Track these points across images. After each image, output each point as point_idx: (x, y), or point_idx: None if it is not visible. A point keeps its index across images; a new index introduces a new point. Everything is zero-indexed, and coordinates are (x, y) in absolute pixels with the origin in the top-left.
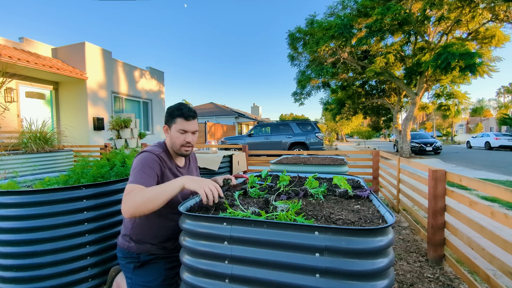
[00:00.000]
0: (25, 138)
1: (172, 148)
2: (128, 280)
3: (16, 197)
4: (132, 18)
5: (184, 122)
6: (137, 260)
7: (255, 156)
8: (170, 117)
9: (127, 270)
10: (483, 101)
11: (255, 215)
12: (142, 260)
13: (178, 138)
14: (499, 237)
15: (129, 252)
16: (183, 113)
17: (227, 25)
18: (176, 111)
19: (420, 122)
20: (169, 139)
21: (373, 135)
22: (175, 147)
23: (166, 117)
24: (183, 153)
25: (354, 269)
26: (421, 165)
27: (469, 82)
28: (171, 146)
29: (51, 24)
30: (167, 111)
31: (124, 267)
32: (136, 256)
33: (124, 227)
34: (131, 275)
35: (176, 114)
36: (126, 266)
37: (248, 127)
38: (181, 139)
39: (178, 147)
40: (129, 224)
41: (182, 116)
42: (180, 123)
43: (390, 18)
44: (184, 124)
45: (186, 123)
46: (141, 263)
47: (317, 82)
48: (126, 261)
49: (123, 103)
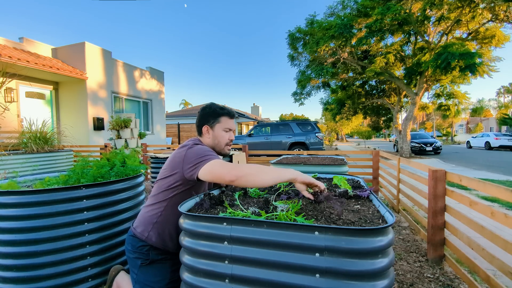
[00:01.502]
0: (25, 138)
1: (214, 148)
2: (133, 275)
3: (16, 197)
4: (132, 18)
5: (229, 121)
6: (146, 257)
7: (255, 156)
8: (213, 117)
9: (134, 265)
10: (483, 101)
11: (255, 215)
12: (152, 258)
13: (223, 137)
14: (499, 237)
15: (139, 247)
16: (229, 112)
17: (227, 25)
18: (220, 110)
19: (420, 122)
20: (210, 139)
21: (373, 135)
22: (219, 146)
23: (205, 117)
24: (226, 152)
25: (354, 269)
26: (421, 165)
27: (469, 82)
28: (212, 146)
29: (51, 24)
30: (207, 111)
31: (131, 261)
32: (146, 253)
33: (146, 218)
34: (137, 271)
35: (221, 113)
36: (134, 261)
37: (248, 127)
38: (226, 138)
39: (222, 146)
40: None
41: (228, 115)
42: (225, 121)
43: (390, 18)
44: (229, 122)
45: (231, 121)
46: (149, 261)
47: (317, 82)
48: (135, 255)
49: (123, 103)
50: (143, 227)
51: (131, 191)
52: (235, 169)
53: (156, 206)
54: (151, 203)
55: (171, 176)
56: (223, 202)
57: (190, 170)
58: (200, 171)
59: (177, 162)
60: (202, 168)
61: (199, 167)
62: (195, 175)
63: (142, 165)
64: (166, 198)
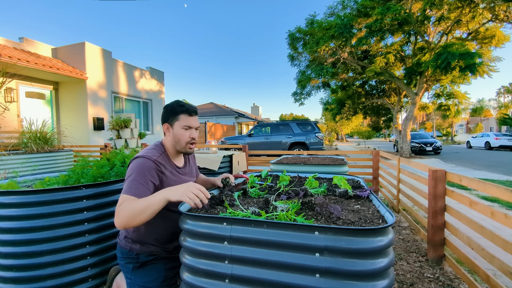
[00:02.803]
0: (25, 138)
1: (175, 147)
2: (128, 280)
3: (16, 197)
4: (132, 18)
5: (188, 118)
6: (136, 260)
7: (255, 156)
8: (171, 114)
9: (127, 270)
10: (483, 101)
11: (255, 215)
12: (142, 260)
13: (183, 135)
14: (499, 237)
15: (128, 252)
16: (187, 108)
17: (227, 25)
18: (178, 108)
19: (420, 122)
20: (171, 138)
21: (373, 135)
22: (180, 145)
23: (165, 115)
24: (187, 151)
25: (354, 269)
26: (421, 165)
27: (469, 82)
28: (173, 145)
29: (51, 24)
30: (167, 109)
31: (123, 267)
32: (136, 256)
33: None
34: (131, 275)
35: (179, 110)
36: (126, 266)
37: (248, 127)
38: (186, 136)
39: (183, 145)
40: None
41: (186, 112)
42: (184, 119)
43: (390, 18)
44: (189, 119)
45: (190, 118)
46: (140, 264)
47: (317, 82)
48: (126, 261)
49: (123, 103)
50: (124, 240)
51: None
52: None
53: None
54: None
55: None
56: (223, 202)
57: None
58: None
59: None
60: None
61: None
62: None
63: None
64: None
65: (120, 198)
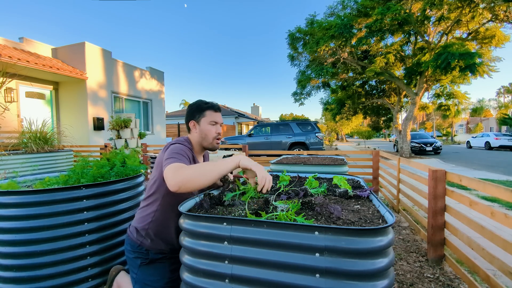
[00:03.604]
0: (25, 138)
1: (202, 144)
2: (133, 275)
3: (16, 197)
4: (132, 18)
5: (214, 114)
6: (146, 256)
7: (255, 156)
8: (198, 111)
9: (134, 265)
10: (483, 101)
11: (255, 215)
12: (151, 257)
13: (210, 131)
14: (499, 237)
15: (139, 247)
16: (213, 105)
17: (227, 25)
18: (204, 104)
19: (420, 122)
20: (197, 134)
21: (373, 135)
22: (207, 140)
23: (191, 113)
24: (214, 146)
25: (354, 269)
26: (421, 165)
27: (469, 82)
28: (199, 141)
29: (51, 24)
30: (193, 107)
31: (130, 261)
32: (145, 252)
33: (139, 221)
34: (137, 270)
35: (205, 107)
36: (133, 261)
37: (248, 127)
38: (213, 131)
39: (210, 140)
40: (148, 218)
41: (212, 108)
42: (210, 115)
43: (390, 18)
44: (214, 115)
45: (216, 114)
46: (149, 261)
47: (317, 82)
48: (134, 255)
49: (123, 103)
50: (136, 233)
51: (131, 191)
52: (178, 174)
53: (147, 210)
54: (142, 206)
55: (158, 178)
56: (223, 202)
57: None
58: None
59: (159, 162)
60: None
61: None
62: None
63: (142, 165)
64: (156, 201)
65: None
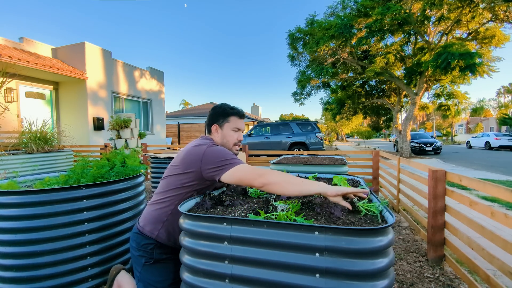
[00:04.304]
0: (25, 138)
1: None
2: (137, 273)
3: (16, 197)
4: (132, 18)
5: (238, 121)
6: (150, 256)
7: (255, 156)
8: (222, 116)
9: (138, 263)
10: (483, 101)
11: (255, 215)
12: (155, 257)
13: (231, 137)
14: (499, 237)
15: (144, 245)
16: (238, 111)
17: (227, 25)
18: (229, 110)
19: (420, 122)
20: (219, 138)
21: (373, 135)
22: (227, 145)
23: (215, 116)
24: (234, 152)
25: (354, 269)
26: (421, 165)
27: (469, 82)
28: (221, 145)
29: (51, 24)
30: (217, 110)
31: (135, 258)
32: (150, 251)
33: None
34: (141, 269)
35: (230, 112)
36: (138, 259)
37: (248, 127)
38: (234, 138)
39: (231, 146)
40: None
41: (237, 114)
42: (234, 121)
43: (390, 18)
44: (238, 122)
45: (240, 121)
46: (153, 260)
47: (317, 82)
48: (139, 253)
49: (123, 103)
50: (152, 225)
51: (131, 191)
52: (263, 176)
53: (165, 204)
54: (159, 200)
55: (185, 174)
56: (223, 202)
57: (213, 170)
58: (225, 174)
59: (194, 160)
60: (228, 171)
61: (224, 169)
62: (218, 176)
63: (142, 165)
64: (177, 196)
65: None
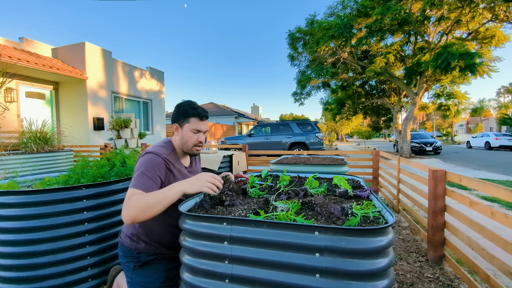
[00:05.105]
0: (25, 138)
1: (182, 148)
2: (128, 279)
3: (16, 197)
4: (132, 17)
5: (199, 122)
6: (137, 260)
7: (255, 156)
8: (183, 116)
9: (127, 269)
10: (483, 101)
11: (255, 215)
12: (143, 260)
13: (191, 138)
14: (499, 237)
15: (130, 251)
16: (199, 113)
17: (227, 25)
18: (191, 110)
19: (420, 122)
20: (179, 138)
21: (373, 135)
22: (187, 146)
23: (176, 116)
24: (194, 152)
25: (354, 269)
26: (421, 165)
27: (469, 82)
28: (181, 145)
29: (51, 24)
30: (179, 109)
31: (124, 266)
32: (137, 255)
33: (129, 227)
34: (131, 274)
35: (191, 113)
36: (127, 265)
37: (248, 127)
38: (194, 139)
39: (190, 147)
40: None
41: (197, 116)
42: (194, 123)
43: (390, 18)
44: (199, 124)
45: (201, 123)
46: (141, 263)
47: (317, 82)
48: (127, 259)
49: (123, 103)
50: (128, 239)
51: None
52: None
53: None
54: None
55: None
56: (223, 202)
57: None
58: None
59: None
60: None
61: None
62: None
63: None
64: None
65: (128, 192)
